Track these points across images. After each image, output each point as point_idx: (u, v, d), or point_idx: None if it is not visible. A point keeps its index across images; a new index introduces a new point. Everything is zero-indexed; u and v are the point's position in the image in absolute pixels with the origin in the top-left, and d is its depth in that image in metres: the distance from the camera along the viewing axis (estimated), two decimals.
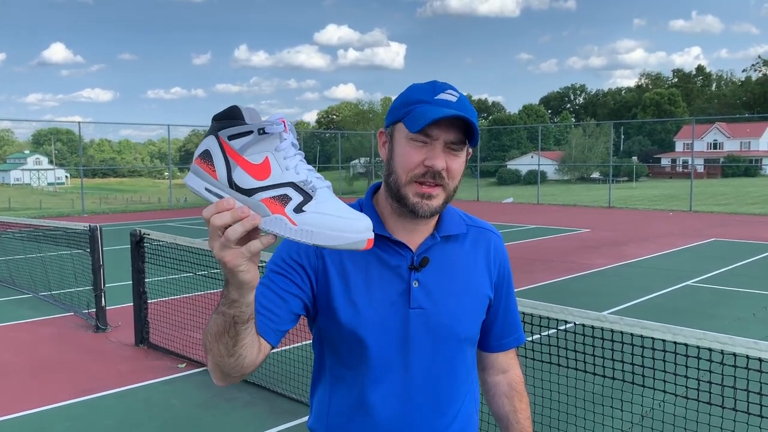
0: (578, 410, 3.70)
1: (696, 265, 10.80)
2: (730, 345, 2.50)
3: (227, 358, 1.21)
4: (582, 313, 3.06)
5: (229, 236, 0.99)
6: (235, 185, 1.03)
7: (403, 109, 1.36)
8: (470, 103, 1.38)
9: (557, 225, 18.11)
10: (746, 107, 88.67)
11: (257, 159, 1.03)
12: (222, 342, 1.18)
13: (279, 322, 1.35)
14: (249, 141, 1.02)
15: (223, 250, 1.01)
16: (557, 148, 71.58)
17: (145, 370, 5.66)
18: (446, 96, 1.34)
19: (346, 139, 44.28)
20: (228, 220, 0.99)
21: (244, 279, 1.06)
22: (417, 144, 1.34)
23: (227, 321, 1.15)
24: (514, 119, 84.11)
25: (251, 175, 1.02)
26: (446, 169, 1.34)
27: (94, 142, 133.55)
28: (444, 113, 1.30)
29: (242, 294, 1.10)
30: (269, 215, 1.02)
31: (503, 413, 1.63)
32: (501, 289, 1.56)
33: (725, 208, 23.99)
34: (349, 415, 1.43)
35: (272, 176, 1.03)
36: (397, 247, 1.41)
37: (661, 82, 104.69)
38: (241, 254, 1.02)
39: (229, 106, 1.03)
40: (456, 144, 1.34)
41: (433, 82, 1.39)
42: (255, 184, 1.02)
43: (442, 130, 1.32)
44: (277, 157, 1.03)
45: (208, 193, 1.04)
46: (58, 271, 8.80)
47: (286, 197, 1.03)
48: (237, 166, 1.02)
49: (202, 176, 1.04)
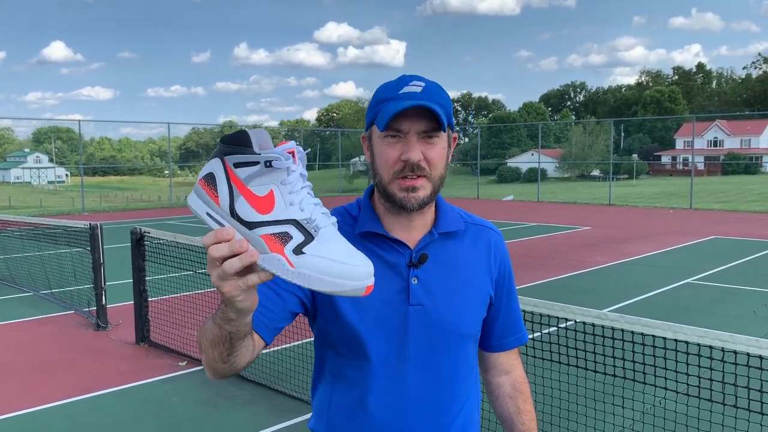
0: (579, 407, 3.70)
1: (696, 263, 10.80)
2: (731, 342, 2.50)
3: (221, 364, 1.22)
4: (583, 311, 3.06)
5: (226, 269, 0.97)
6: (237, 215, 1.00)
7: (374, 110, 1.37)
8: (440, 89, 1.38)
9: (558, 223, 18.11)
10: (746, 105, 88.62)
11: (262, 191, 1.00)
12: (216, 350, 1.19)
13: (275, 319, 1.35)
14: (255, 172, 0.99)
15: (220, 280, 1.00)
16: (557, 145, 71.57)
17: (145, 368, 5.66)
18: (411, 88, 1.35)
19: (346, 137, 44.27)
20: (225, 252, 0.97)
21: (242, 308, 1.05)
22: (391, 140, 1.34)
23: (223, 335, 1.15)
24: (514, 117, 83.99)
25: (254, 208, 0.99)
26: (425, 159, 1.34)
27: (95, 141, 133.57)
28: (404, 105, 1.30)
29: (240, 317, 1.10)
30: (268, 253, 0.99)
31: (507, 415, 1.62)
32: (502, 287, 1.55)
33: (725, 205, 23.99)
34: (349, 413, 1.42)
35: (275, 211, 1.00)
36: (395, 244, 1.41)
37: (662, 79, 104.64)
38: (238, 287, 1.00)
39: (238, 131, 1.00)
40: (429, 132, 1.34)
41: (400, 77, 1.39)
42: (257, 218, 0.99)
43: (410, 121, 1.32)
44: (282, 191, 1.00)
45: (209, 219, 1.02)
46: (58, 269, 8.80)
47: (286, 235, 0.99)
48: (240, 196, 1.00)
49: (205, 200, 1.02)
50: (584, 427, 3.68)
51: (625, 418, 3.66)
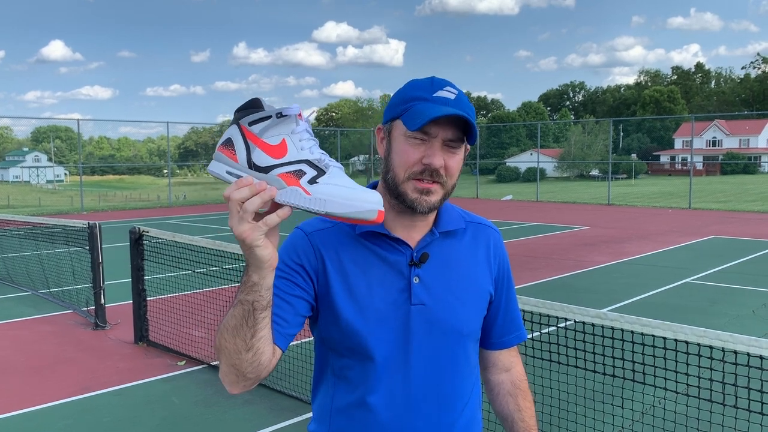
0: (578, 407, 3.70)
1: (695, 263, 10.81)
2: (731, 342, 2.50)
3: (245, 353, 1.22)
4: (582, 311, 3.06)
5: (246, 208, 1.06)
6: (254, 165, 1.10)
7: (402, 106, 1.36)
8: (468, 100, 1.38)
9: (557, 222, 18.11)
10: (745, 105, 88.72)
11: (275, 141, 1.11)
12: (240, 335, 1.20)
13: (287, 326, 1.35)
14: (267, 125, 1.10)
15: (241, 224, 1.07)
16: (556, 145, 71.62)
17: (144, 367, 5.66)
18: (445, 93, 1.34)
19: (345, 136, 44.28)
20: (246, 194, 1.06)
21: (262, 255, 1.11)
22: (415, 141, 1.34)
23: (246, 309, 1.17)
24: (513, 116, 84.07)
25: (269, 155, 1.10)
26: (444, 167, 1.34)
27: (93, 140, 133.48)
28: (443, 112, 1.29)
29: (262, 276, 1.14)
30: (285, 187, 1.09)
31: (507, 412, 1.62)
32: (501, 285, 1.55)
33: (724, 205, 24.00)
34: (352, 414, 1.41)
35: (288, 155, 1.11)
36: (396, 244, 1.41)
37: (660, 79, 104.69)
38: (258, 228, 1.08)
39: (251, 98, 1.11)
40: (454, 142, 1.34)
41: (431, 78, 1.38)
42: (272, 162, 1.10)
43: (440, 127, 1.32)
44: (293, 139, 1.11)
45: (229, 176, 1.11)
46: (57, 268, 8.79)
47: (300, 172, 1.10)
48: (256, 147, 1.10)
49: (224, 161, 1.12)
50: (583, 427, 3.67)
51: (624, 419, 3.66)
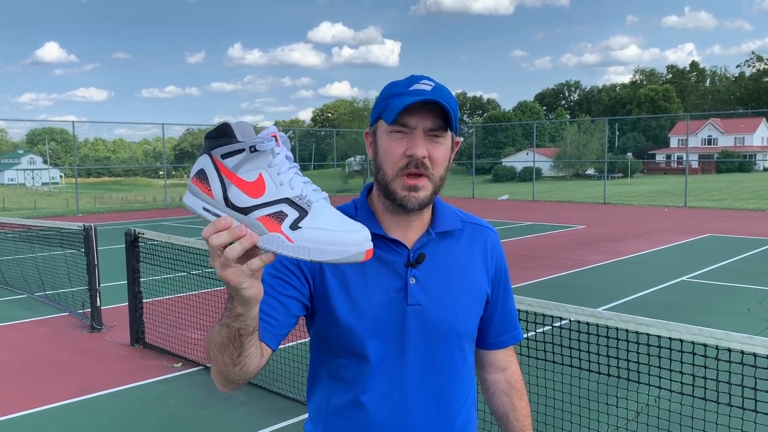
0: (573, 407, 3.70)
1: (691, 261, 10.83)
2: (726, 340, 2.50)
3: (232, 368, 1.22)
4: (578, 310, 3.06)
5: (228, 255, 0.99)
6: (232, 204, 1.03)
7: (381, 105, 1.37)
8: (449, 91, 1.38)
9: (553, 222, 18.14)
10: (740, 103, 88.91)
11: (251, 176, 1.03)
12: (227, 353, 1.20)
13: (279, 326, 1.35)
14: (242, 159, 1.02)
15: (224, 269, 1.02)
16: (552, 144, 71.68)
17: (140, 369, 5.65)
18: (421, 86, 1.35)
19: (341, 136, 44.26)
20: (226, 239, 1.00)
21: (247, 295, 1.07)
22: (397, 136, 1.35)
23: (232, 333, 1.16)
24: (509, 116, 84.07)
25: (246, 194, 1.02)
26: (429, 158, 1.34)
27: (89, 142, 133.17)
28: (414, 99, 1.30)
29: (247, 309, 1.11)
30: (266, 233, 1.02)
31: (502, 411, 1.62)
32: (498, 285, 1.56)
33: (720, 203, 24.06)
34: (348, 415, 1.42)
35: (267, 193, 1.03)
36: (393, 244, 1.41)
37: (656, 78, 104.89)
38: (242, 272, 1.02)
39: (220, 124, 1.03)
40: (435, 131, 1.34)
41: (410, 76, 1.40)
42: (250, 202, 1.02)
43: (419, 118, 1.33)
44: (270, 173, 1.03)
45: (206, 213, 1.05)
46: (52, 271, 8.77)
47: (281, 214, 1.02)
48: (232, 184, 1.03)
49: (199, 196, 1.05)
50: (578, 426, 3.68)
51: (619, 418, 3.67)
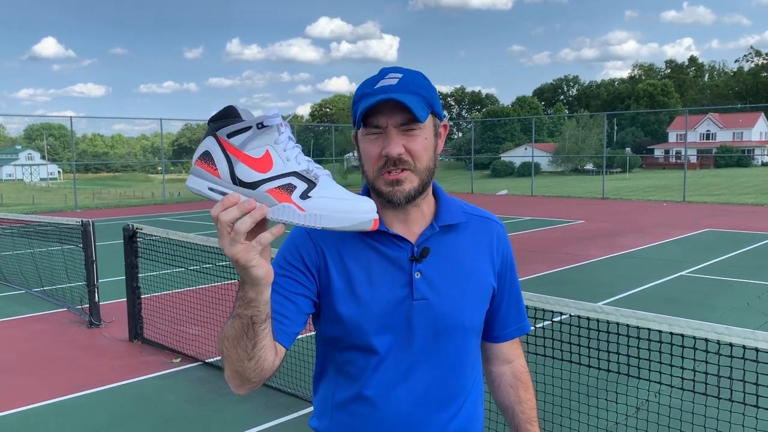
0: (572, 402, 3.70)
1: (690, 256, 10.83)
2: (727, 335, 2.49)
3: (247, 362, 1.20)
4: (578, 304, 3.05)
5: (238, 229, 1.00)
6: (239, 180, 1.04)
7: (354, 108, 1.36)
8: (420, 78, 1.36)
9: (551, 216, 18.13)
10: (738, 98, 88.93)
11: (258, 153, 1.04)
12: (241, 346, 1.18)
13: (291, 324, 1.34)
14: (248, 136, 1.04)
15: (233, 246, 1.01)
16: (551, 139, 71.61)
17: (139, 365, 5.64)
18: (386, 81, 1.32)
19: (339, 132, 44.20)
20: (236, 214, 1.00)
21: (257, 275, 1.06)
22: (372, 137, 1.33)
23: (245, 323, 1.14)
24: (507, 111, 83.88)
25: (254, 169, 1.04)
26: (407, 152, 1.32)
27: (87, 137, 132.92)
28: (372, 101, 1.28)
29: (259, 292, 1.10)
30: (276, 204, 1.04)
31: (508, 404, 1.62)
32: (504, 278, 1.54)
33: (718, 198, 24.06)
34: (353, 409, 1.41)
35: (274, 168, 1.05)
36: (396, 239, 1.40)
37: (654, 73, 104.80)
38: (252, 248, 1.02)
39: (225, 107, 1.05)
40: (407, 124, 1.32)
41: (380, 70, 1.37)
42: (259, 177, 1.04)
43: (386, 116, 1.31)
44: (277, 150, 1.05)
45: (211, 192, 1.05)
46: (51, 267, 8.75)
47: (290, 186, 1.05)
48: (239, 161, 1.04)
49: (204, 176, 1.06)
50: (577, 422, 3.67)
51: (618, 414, 3.66)
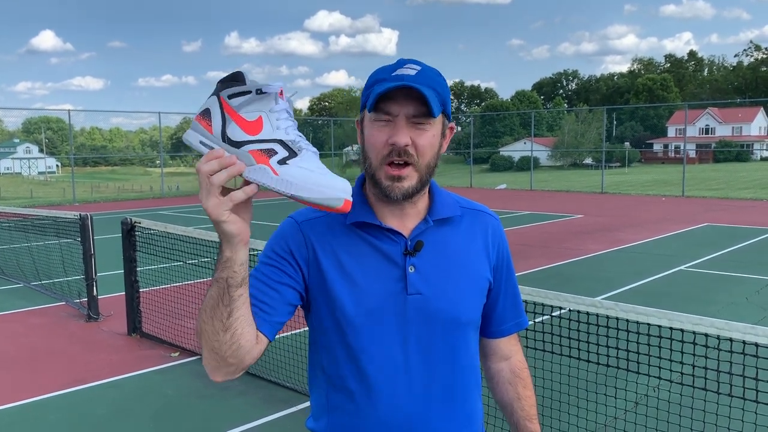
0: (571, 398, 3.70)
1: (689, 250, 10.83)
2: (727, 330, 2.49)
3: (222, 334, 1.19)
4: (577, 299, 3.04)
5: (213, 181, 1.06)
6: (228, 138, 1.10)
7: (366, 93, 1.34)
8: (437, 74, 1.33)
9: (550, 211, 18.13)
10: (738, 92, 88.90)
11: (251, 117, 1.10)
12: (217, 316, 1.18)
13: (273, 313, 1.32)
14: (246, 99, 1.10)
15: (208, 198, 1.07)
16: (550, 134, 71.62)
17: (137, 359, 5.63)
18: (405, 71, 1.30)
19: (338, 126, 44.15)
20: (215, 167, 1.06)
21: (230, 230, 1.11)
22: (380, 124, 1.31)
23: (221, 287, 1.16)
24: (506, 105, 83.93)
25: (243, 130, 1.10)
26: (414, 145, 1.30)
27: (85, 131, 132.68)
28: (391, 85, 1.26)
29: (233, 251, 1.14)
30: (254, 165, 1.09)
31: (507, 400, 1.60)
32: (500, 272, 1.52)
33: (717, 193, 24.08)
34: (349, 409, 1.38)
35: (263, 132, 1.10)
36: (389, 233, 1.37)
37: (653, 67, 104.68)
38: (224, 203, 1.08)
39: (234, 71, 1.11)
40: (418, 117, 1.29)
41: (398, 60, 1.35)
42: (245, 138, 1.10)
43: (400, 104, 1.28)
44: (270, 117, 1.11)
45: (201, 146, 1.11)
46: (49, 260, 8.74)
47: (272, 151, 1.10)
48: (232, 121, 1.10)
49: (199, 130, 1.12)
50: (576, 417, 3.67)
51: (617, 408, 3.65)
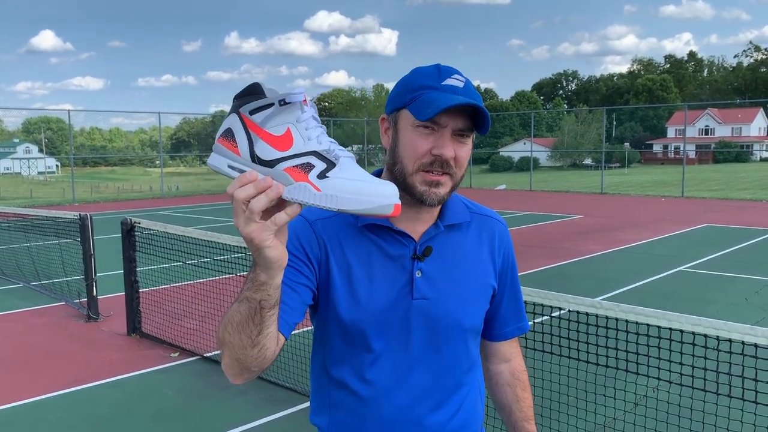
0: (570, 398, 3.69)
1: (688, 251, 10.83)
2: (726, 331, 2.49)
3: (250, 350, 1.16)
4: (576, 300, 3.04)
5: (253, 208, 0.97)
6: (258, 158, 1.01)
7: (409, 95, 1.32)
8: (474, 87, 1.34)
9: (550, 211, 18.13)
10: (737, 93, 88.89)
11: (279, 131, 1.02)
12: (245, 332, 1.13)
13: (292, 314, 1.32)
14: (270, 113, 1.01)
15: (248, 225, 0.99)
16: (550, 134, 71.62)
17: (137, 359, 5.64)
18: (453, 81, 1.30)
19: (338, 126, 44.14)
20: (251, 192, 0.97)
21: (271, 256, 1.03)
22: (424, 132, 1.30)
23: (252, 307, 1.10)
24: (506, 106, 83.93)
25: (273, 147, 1.01)
26: (454, 158, 1.31)
27: (85, 131, 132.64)
28: (455, 101, 1.25)
29: (271, 275, 1.07)
30: (293, 183, 1.00)
31: (505, 402, 1.62)
32: (505, 277, 1.53)
33: (717, 193, 24.08)
34: (351, 408, 1.40)
35: (294, 146, 1.02)
36: (400, 236, 1.38)
37: (653, 68, 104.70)
38: (267, 228, 0.99)
39: (250, 83, 1.02)
40: (464, 131, 1.30)
41: (437, 66, 1.34)
42: (277, 155, 1.01)
43: (450, 117, 1.28)
44: (298, 128, 1.02)
45: (230, 170, 1.03)
46: (49, 260, 8.73)
47: (309, 165, 1.01)
48: (259, 139, 1.02)
49: (225, 154, 1.03)
50: (575, 418, 3.67)
51: (616, 410, 3.66)
